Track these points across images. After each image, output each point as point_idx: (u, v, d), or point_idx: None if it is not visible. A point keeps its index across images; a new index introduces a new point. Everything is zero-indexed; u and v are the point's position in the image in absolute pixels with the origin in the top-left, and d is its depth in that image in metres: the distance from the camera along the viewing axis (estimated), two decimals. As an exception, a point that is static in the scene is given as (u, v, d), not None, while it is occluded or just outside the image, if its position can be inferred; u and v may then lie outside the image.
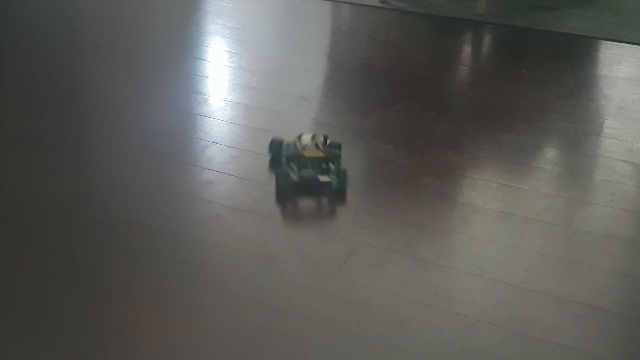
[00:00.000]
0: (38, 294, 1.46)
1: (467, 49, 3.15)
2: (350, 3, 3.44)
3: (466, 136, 2.18)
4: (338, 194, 1.84)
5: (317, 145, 1.86)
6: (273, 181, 1.88)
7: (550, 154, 2.15)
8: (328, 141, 1.88)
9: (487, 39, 3.26)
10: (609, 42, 3.05)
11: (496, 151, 2.10)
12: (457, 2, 3.48)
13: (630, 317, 1.47)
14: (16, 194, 1.82)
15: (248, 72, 2.62)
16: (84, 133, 2.18)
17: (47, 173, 1.91)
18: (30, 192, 1.82)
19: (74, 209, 1.75)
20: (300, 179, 1.85)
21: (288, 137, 1.93)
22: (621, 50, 2.97)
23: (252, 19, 3.26)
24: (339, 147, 1.88)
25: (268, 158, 1.98)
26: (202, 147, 2.06)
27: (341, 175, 1.85)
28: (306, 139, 1.88)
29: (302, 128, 2.21)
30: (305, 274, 1.55)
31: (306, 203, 1.82)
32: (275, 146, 1.95)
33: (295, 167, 1.84)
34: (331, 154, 1.85)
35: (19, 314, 1.41)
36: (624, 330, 1.44)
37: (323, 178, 1.85)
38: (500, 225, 1.75)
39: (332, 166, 1.85)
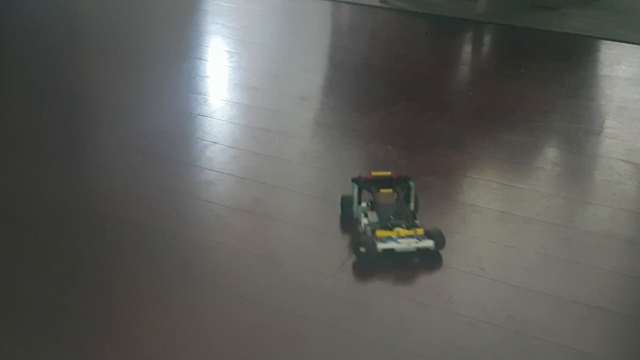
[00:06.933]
0: (38, 294, 1.46)
1: (467, 49, 3.15)
2: (350, 3, 3.44)
3: (466, 136, 2.18)
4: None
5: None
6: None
7: (550, 153, 2.15)
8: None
9: (487, 39, 3.26)
10: (610, 41, 3.05)
11: (496, 151, 2.10)
12: (457, 2, 3.48)
13: (630, 317, 1.46)
14: (16, 194, 1.82)
15: (248, 72, 2.62)
16: (84, 133, 2.18)
17: (47, 173, 1.91)
18: (30, 192, 1.82)
19: (74, 209, 1.75)
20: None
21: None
22: (622, 50, 2.97)
23: (252, 19, 3.25)
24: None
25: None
26: (202, 147, 2.06)
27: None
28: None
29: (302, 128, 2.21)
30: (305, 274, 1.55)
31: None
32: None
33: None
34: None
35: (19, 314, 1.41)
36: (624, 330, 1.44)
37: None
38: (500, 225, 1.75)
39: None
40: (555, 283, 1.55)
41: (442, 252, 1.62)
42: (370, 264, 1.58)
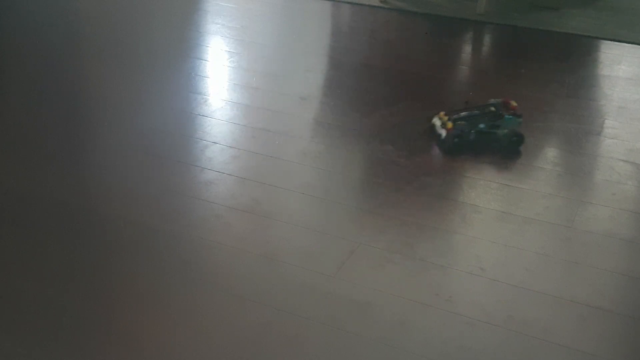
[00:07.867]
0: (38, 294, 1.46)
1: (467, 49, 3.15)
2: (350, 3, 3.44)
3: (466, 136, 2.18)
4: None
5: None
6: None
7: (550, 153, 2.15)
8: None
9: (487, 39, 3.26)
10: (610, 41, 3.05)
11: (496, 151, 2.10)
12: (457, 2, 3.48)
13: (630, 317, 1.47)
14: (16, 194, 1.82)
15: (248, 72, 2.62)
16: (84, 133, 2.18)
17: (47, 173, 1.91)
18: (30, 192, 1.82)
19: (74, 209, 1.75)
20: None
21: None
22: (622, 50, 2.97)
23: (252, 19, 3.26)
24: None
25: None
26: (202, 147, 2.06)
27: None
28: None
29: (302, 128, 2.21)
30: (305, 274, 1.55)
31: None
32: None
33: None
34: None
35: (19, 314, 1.41)
36: (624, 330, 1.44)
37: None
38: (500, 225, 1.75)
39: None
40: (555, 283, 1.55)
41: (442, 251, 1.62)
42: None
